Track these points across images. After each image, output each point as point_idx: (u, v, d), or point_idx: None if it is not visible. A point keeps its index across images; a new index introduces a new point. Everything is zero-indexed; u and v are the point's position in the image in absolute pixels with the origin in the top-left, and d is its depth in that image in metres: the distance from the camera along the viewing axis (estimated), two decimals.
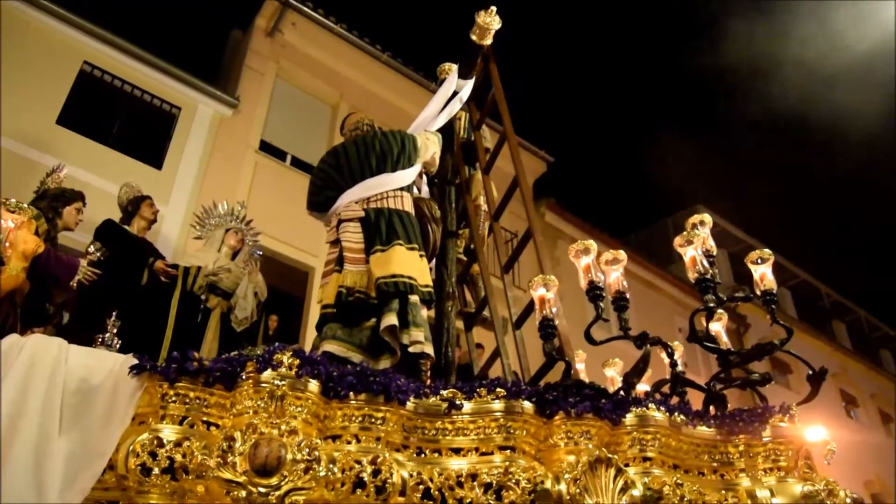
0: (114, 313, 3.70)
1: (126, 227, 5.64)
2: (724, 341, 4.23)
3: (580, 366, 5.01)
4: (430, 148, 4.42)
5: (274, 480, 2.43)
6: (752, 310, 15.89)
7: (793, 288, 20.93)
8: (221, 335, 5.51)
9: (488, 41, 4.87)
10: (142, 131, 9.39)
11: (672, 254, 17.49)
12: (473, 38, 4.84)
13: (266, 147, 10.35)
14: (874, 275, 31.34)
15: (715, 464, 3.29)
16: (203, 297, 5.48)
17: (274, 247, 8.85)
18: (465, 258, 5.35)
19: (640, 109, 36.89)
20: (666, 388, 3.85)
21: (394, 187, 4.10)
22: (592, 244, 3.61)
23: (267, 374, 2.72)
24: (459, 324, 5.30)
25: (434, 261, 4.73)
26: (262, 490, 2.42)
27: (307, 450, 2.50)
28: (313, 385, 2.77)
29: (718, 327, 4.31)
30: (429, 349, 3.71)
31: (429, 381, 3.55)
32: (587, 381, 4.14)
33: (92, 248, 4.51)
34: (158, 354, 4.51)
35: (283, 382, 2.69)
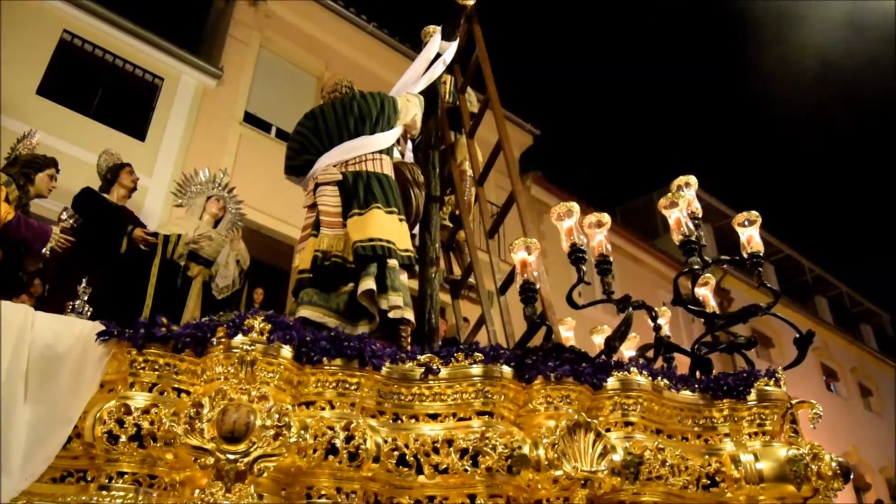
0: (84, 280, 3.59)
1: (105, 195, 5.52)
2: (712, 305, 4.16)
3: (568, 333, 4.94)
4: (411, 110, 4.32)
5: (242, 447, 2.36)
6: (735, 284, 15.91)
7: (776, 262, 20.99)
8: (204, 304, 5.42)
9: (471, 0, 4.75)
10: (124, 102, 9.22)
11: (657, 228, 17.56)
12: None
13: (251, 119, 10.20)
14: (856, 250, 31.58)
15: (698, 428, 3.23)
16: (183, 265, 5.38)
17: (259, 219, 8.74)
18: (450, 225, 5.27)
19: (627, 84, 36.71)
20: (650, 353, 3.78)
21: (372, 150, 3.99)
22: (575, 206, 3.51)
23: (238, 339, 2.65)
24: (447, 297, 5.23)
25: (418, 226, 4.65)
26: (231, 457, 2.35)
27: (277, 416, 2.43)
28: (286, 350, 2.70)
29: (706, 291, 4.24)
30: (409, 314, 3.63)
31: (409, 348, 3.48)
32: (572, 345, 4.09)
33: (64, 215, 4.39)
34: None
35: (254, 347, 2.62)
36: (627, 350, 4.56)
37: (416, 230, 4.63)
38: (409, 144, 4.79)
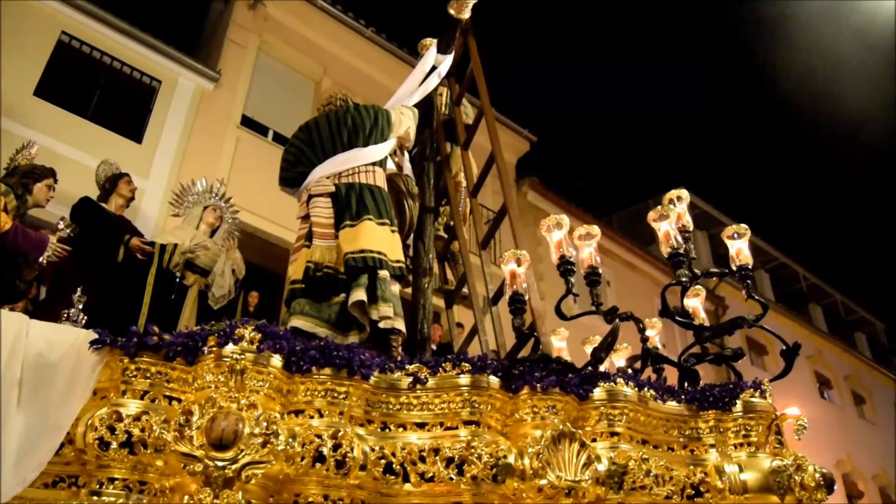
0: (79, 289, 3.63)
1: (103, 204, 5.56)
2: (702, 318, 4.20)
3: (561, 343, 4.98)
4: (405, 123, 4.36)
5: (230, 454, 2.40)
6: (730, 291, 15.90)
7: (771, 270, 21.01)
8: (199, 313, 5.45)
9: (466, 14, 4.80)
10: (121, 104, 9.22)
11: (653, 235, 17.60)
12: (451, 11, 4.76)
13: (248, 122, 10.21)
14: (851, 259, 31.70)
15: (684, 439, 3.27)
16: (179, 274, 5.41)
17: (255, 223, 8.75)
18: (445, 235, 5.31)
19: (625, 90, 36.80)
20: (638, 364, 3.83)
21: (365, 162, 4.03)
22: (564, 218, 3.56)
23: (228, 348, 2.70)
24: (441, 303, 5.27)
25: (412, 237, 4.69)
26: (219, 464, 2.40)
27: (265, 423, 2.48)
28: (275, 359, 2.74)
29: (696, 303, 4.27)
30: (399, 325, 3.67)
31: (399, 357, 3.51)
32: (566, 357, 4.13)
33: (61, 225, 4.42)
34: None
35: (244, 356, 2.67)
36: (618, 360, 4.60)
37: (411, 241, 4.67)
38: (407, 156, 4.83)
